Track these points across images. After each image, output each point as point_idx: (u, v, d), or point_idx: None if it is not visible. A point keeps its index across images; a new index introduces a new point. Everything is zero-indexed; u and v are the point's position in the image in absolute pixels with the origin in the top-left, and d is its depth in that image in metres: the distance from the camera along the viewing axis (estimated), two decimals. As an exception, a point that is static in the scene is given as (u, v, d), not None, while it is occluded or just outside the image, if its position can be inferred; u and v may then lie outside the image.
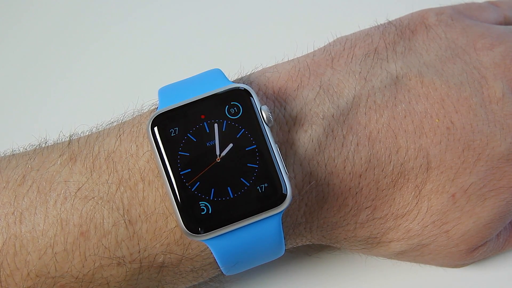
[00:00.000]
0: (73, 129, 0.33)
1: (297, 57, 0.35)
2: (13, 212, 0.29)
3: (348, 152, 0.32)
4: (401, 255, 0.35)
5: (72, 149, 0.31)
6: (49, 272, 0.29)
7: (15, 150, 0.33)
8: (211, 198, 0.29)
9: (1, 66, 0.47)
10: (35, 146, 0.32)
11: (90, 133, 0.32)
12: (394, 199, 0.33)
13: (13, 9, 0.49)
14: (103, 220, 0.29)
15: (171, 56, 0.46)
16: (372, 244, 0.34)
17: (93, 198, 0.29)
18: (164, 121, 0.29)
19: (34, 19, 0.49)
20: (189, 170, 0.29)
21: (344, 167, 0.31)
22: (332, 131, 0.32)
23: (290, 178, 0.31)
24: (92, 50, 0.47)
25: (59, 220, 0.29)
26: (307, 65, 0.34)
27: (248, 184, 0.29)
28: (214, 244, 0.29)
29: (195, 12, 0.49)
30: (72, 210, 0.29)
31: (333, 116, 0.32)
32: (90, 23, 0.49)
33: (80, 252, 0.29)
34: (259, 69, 0.35)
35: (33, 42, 0.48)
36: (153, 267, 0.30)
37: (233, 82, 0.32)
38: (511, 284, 0.37)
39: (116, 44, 0.48)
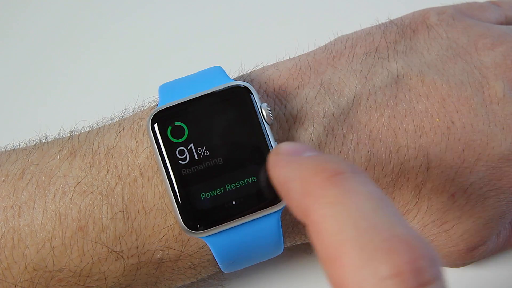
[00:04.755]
0: (74, 125, 0.33)
1: (298, 56, 0.35)
2: (12, 206, 0.29)
3: (348, 151, 0.32)
4: (401, 254, 0.35)
5: (72, 144, 0.31)
6: (46, 266, 0.29)
7: (15, 145, 0.33)
8: (210, 195, 0.29)
9: (2, 63, 0.47)
10: (36, 141, 0.32)
11: (90, 129, 0.32)
12: (394, 198, 0.32)
13: (13, 5, 0.50)
14: (101, 215, 0.29)
15: (172, 53, 0.47)
16: (372, 243, 0.34)
17: (92, 193, 0.29)
18: (164, 118, 0.29)
19: (34, 15, 0.49)
20: (189, 167, 0.29)
21: None
22: (332, 130, 0.32)
23: (289, 176, 0.30)
24: (93, 46, 0.48)
25: (57, 214, 0.29)
26: (308, 63, 0.34)
27: (248, 182, 0.29)
28: (213, 241, 0.29)
29: (196, 10, 0.49)
30: (71, 205, 0.29)
31: (333, 115, 0.32)
32: (91, 19, 0.49)
33: (78, 247, 0.29)
34: (260, 67, 0.35)
35: (34, 39, 0.48)
36: (152, 262, 0.30)
37: (234, 79, 0.32)
38: (511, 284, 0.37)
39: (117, 40, 0.48)
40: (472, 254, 0.34)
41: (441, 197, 0.32)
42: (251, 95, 0.30)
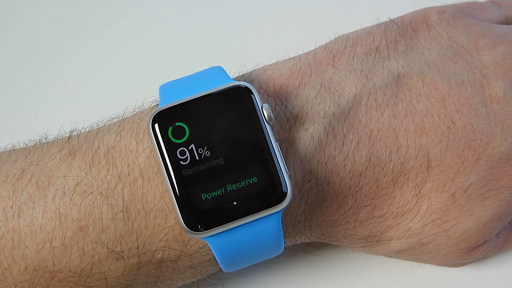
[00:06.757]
0: (73, 125, 0.33)
1: (298, 55, 0.35)
2: (12, 206, 0.29)
3: (348, 151, 0.31)
4: (401, 253, 0.35)
5: (72, 144, 0.31)
6: (47, 266, 0.29)
7: (15, 145, 0.33)
8: (211, 196, 0.28)
9: (2, 63, 0.47)
10: (35, 141, 0.32)
11: (90, 129, 0.32)
12: (394, 197, 0.32)
13: (13, 5, 0.49)
14: (101, 215, 0.29)
15: (172, 53, 0.47)
16: (372, 243, 0.34)
17: (92, 193, 0.29)
18: (165, 118, 0.29)
19: (34, 15, 0.49)
20: (190, 167, 0.29)
21: (344, 166, 0.31)
22: (333, 130, 0.32)
23: (290, 177, 0.30)
24: (93, 46, 0.48)
25: (57, 215, 0.29)
26: (309, 63, 0.34)
27: (249, 182, 0.29)
28: (214, 241, 0.29)
29: (196, 9, 0.49)
30: (71, 205, 0.29)
31: (334, 115, 0.32)
32: (91, 19, 0.49)
33: (78, 247, 0.29)
34: (260, 66, 0.35)
35: (34, 39, 0.48)
36: (152, 262, 0.30)
37: (234, 79, 0.32)
38: (511, 284, 0.37)
39: (117, 40, 0.48)
40: (472, 254, 0.34)
41: (441, 197, 0.32)
42: (252, 95, 0.30)
